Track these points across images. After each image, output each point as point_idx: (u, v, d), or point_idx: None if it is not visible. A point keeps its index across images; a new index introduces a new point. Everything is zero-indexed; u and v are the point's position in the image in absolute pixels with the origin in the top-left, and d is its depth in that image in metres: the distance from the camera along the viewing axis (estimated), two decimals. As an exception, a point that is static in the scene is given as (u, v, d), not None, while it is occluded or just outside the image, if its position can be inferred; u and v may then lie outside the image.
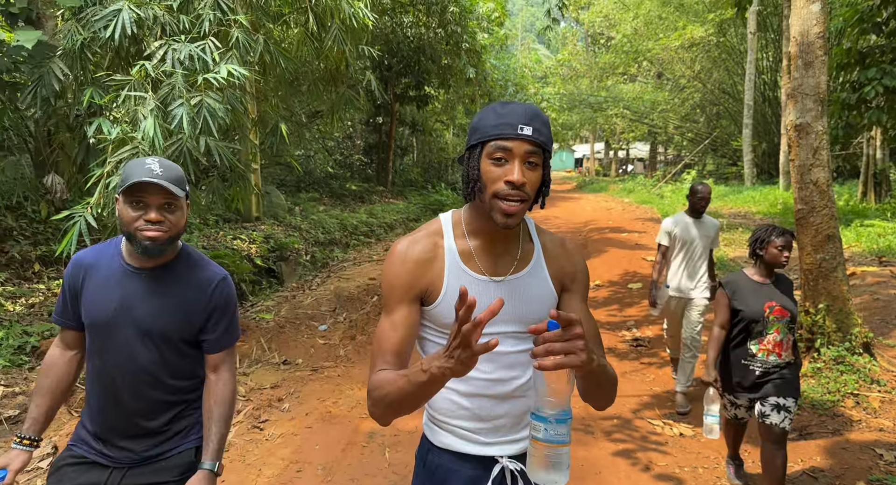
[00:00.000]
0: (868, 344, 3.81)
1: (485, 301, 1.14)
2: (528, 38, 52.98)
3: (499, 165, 1.09)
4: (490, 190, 1.10)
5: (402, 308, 1.19)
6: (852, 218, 9.77)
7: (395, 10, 12.56)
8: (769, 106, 20.21)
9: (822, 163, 3.97)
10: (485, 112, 1.14)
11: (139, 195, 1.38)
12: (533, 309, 1.21)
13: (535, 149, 1.10)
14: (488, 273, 1.20)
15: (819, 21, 3.95)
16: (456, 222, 1.24)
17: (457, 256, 1.20)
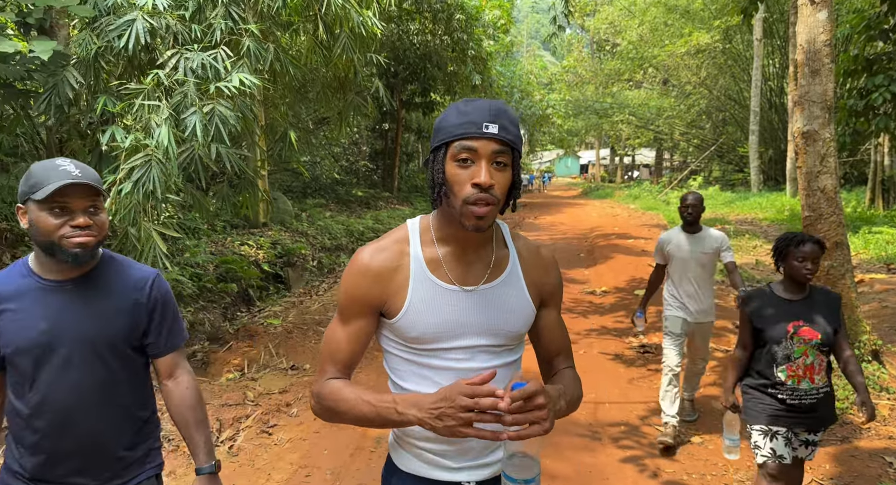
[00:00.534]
0: (877, 352, 3.80)
1: (455, 312, 1.10)
2: (533, 44, 53.14)
3: (464, 167, 1.01)
4: (457, 194, 1.02)
5: (359, 320, 1.13)
6: (860, 225, 9.73)
7: (401, 17, 12.67)
8: (776, 112, 20.18)
9: (829, 170, 3.97)
10: (448, 111, 1.07)
11: (61, 200, 1.24)
12: (508, 321, 1.14)
13: (503, 148, 1.02)
14: (458, 282, 1.11)
15: (826, 29, 3.97)
16: (424, 228, 1.15)
17: (423, 264, 1.11)
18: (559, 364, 1.28)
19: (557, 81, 31.25)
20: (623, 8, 25.19)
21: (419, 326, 1.10)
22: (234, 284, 6.12)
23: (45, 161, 1.30)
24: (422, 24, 13.31)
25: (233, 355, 4.79)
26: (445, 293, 1.10)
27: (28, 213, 1.27)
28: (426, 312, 1.09)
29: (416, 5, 11.70)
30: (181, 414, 1.46)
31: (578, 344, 4.90)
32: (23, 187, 1.27)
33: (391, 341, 1.16)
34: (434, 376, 1.12)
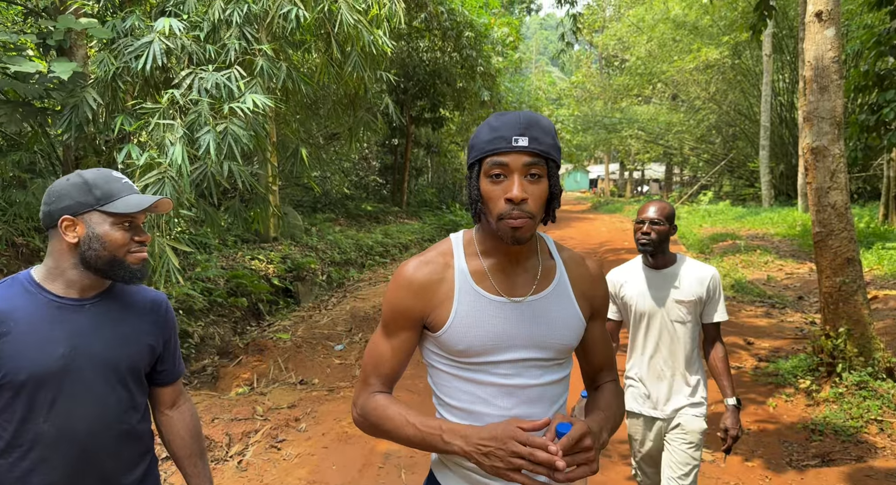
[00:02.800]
0: (892, 369, 3.75)
1: (503, 324, 1.08)
2: (541, 60, 53.57)
3: (497, 183, 1.02)
4: (493, 211, 1.03)
5: (403, 334, 1.13)
6: (874, 241, 9.62)
7: (411, 35, 12.85)
8: (786, 127, 20.11)
9: (839, 186, 3.96)
10: (480, 128, 1.07)
11: (133, 214, 1.21)
12: (558, 333, 1.12)
13: (535, 160, 1.01)
14: (506, 294, 1.10)
15: (833, 46, 3.99)
16: (467, 242, 1.15)
17: (468, 276, 1.10)
18: (603, 378, 1.28)
19: (566, 97, 31.45)
20: (631, 24, 25.37)
21: (466, 339, 1.08)
22: (244, 298, 6.16)
23: (98, 171, 1.23)
24: (431, 41, 13.49)
25: (242, 370, 4.81)
26: (492, 305, 1.09)
27: (87, 225, 1.18)
28: (472, 324, 1.08)
29: (426, 23, 11.87)
30: (184, 444, 1.38)
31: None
32: (82, 198, 1.18)
33: (436, 356, 1.14)
34: (480, 392, 1.10)
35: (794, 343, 4.98)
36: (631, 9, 26.76)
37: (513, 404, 1.09)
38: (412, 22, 11.46)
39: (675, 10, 21.55)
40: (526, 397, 1.10)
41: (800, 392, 3.85)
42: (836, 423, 3.37)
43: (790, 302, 6.71)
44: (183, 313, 5.25)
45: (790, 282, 7.92)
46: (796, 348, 4.73)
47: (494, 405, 1.09)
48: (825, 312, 4.00)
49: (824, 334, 3.92)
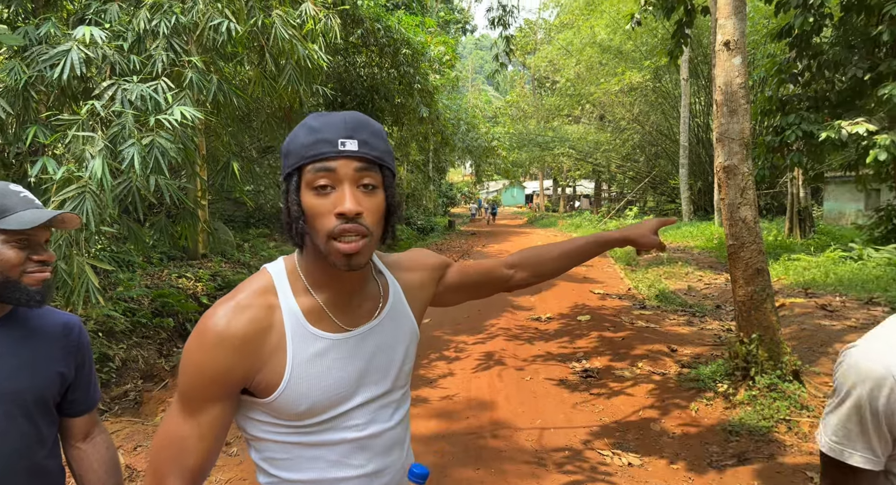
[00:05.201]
0: (797, 372, 4.07)
1: (350, 365, 0.92)
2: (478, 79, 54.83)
3: (324, 195, 0.84)
4: (320, 229, 0.84)
5: (214, 408, 0.86)
6: (781, 252, 10.44)
7: (348, 50, 12.84)
8: (703, 147, 21.56)
9: (748, 202, 4.29)
10: (296, 130, 0.88)
11: (28, 231, 1.10)
12: (399, 355, 1.00)
13: (368, 167, 0.85)
14: (351, 327, 0.94)
15: (741, 73, 4.34)
16: (291, 273, 0.93)
17: (301, 317, 0.89)
18: (509, 262, 1.26)
19: (502, 115, 32.31)
20: (561, 47, 26.51)
21: (310, 396, 0.88)
22: (170, 318, 5.87)
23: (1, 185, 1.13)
24: (368, 57, 13.53)
25: (169, 393, 4.57)
26: (335, 346, 0.91)
27: None
28: (316, 376, 0.89)
29: (363, 40, 11.91)
30: (99, 480, 1.25)
31: (525, 371, 4.98)
32: None
33: (265, 425, 0.91)
34: (331, 454, 0.92)
35: (713, 349, 5.31)
36: (560, 33, 28.01)
37: (368, 459, 0.94)
38: (349, 37, 11.46)
39: (600, 35, 22.74)
40: (381, 446, 0.96)
41: (719, 396, 4.11)
42: (751, 424, 3.61)
43: (709, 310, 7.16)
44: (103, 336, 4.93)
45: (709, 291, 8.45)
46: (715, 354, 5.05)
47: (349, 466, 0.93)
48: (739, 319, 4.29)
49: (739, 341, 4.21)
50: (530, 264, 1.27)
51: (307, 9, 5.78)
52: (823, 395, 3.98)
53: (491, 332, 6.39)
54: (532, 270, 1.27)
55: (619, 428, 3.81)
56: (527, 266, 1.27)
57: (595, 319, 6.80)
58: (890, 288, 6.89)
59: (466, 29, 34.81)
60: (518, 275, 1.26)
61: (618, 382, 4.64)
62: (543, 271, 1.28)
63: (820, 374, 4.45)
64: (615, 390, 4.45)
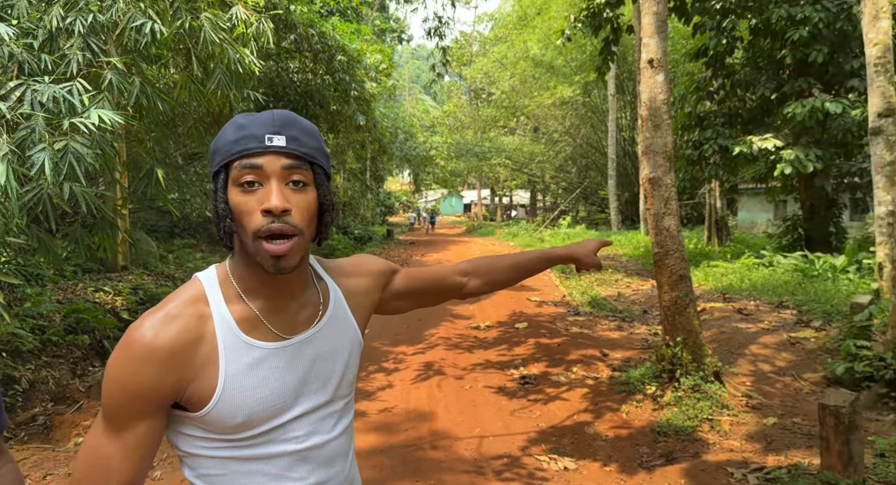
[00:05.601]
0: (718, 373, 4.32)
1: (288, 374, 0.89)
2: (415, 88, 55.08)
3: (251, 192, 0.81)
4: (247, 227, 0.81)
5: (141, 425, 0.81)
6: (701, 260, 11.10)
7: (280, 55, 12.56)
8: (629, 160, 22.66)
9: (672, 211, 4.53)
10: (224, 128, 0.86)
11: None
12: (341, 362, 0.97)
13: (297, 163, 0.83)
14: (288, 335, 0.90)
15: (664, 89, 4.59)
16: (223, 280, 0.89)
17: (234, 326, 0.86)
18: (466, 267, 1.27)
19: (439, 125, 32.59)
20: (496, 60, 27.14)
21: (245, 407, 0.85)
22: (85, 336, 5.46)
23: None
24: (302, 63, 13.29)
25: (83, 416, 4.23)
26: (274, 355, 0.87)
27: None
28: (251, 387, 0.85)
29: (296, 45, 11.68)
30: None
31: (465, 379, 5.00)
32: None
33: (198, 440, 0.86)
34: (270, 468, 0.88)
35: (641, 353, 5.54)
36: (495, 46, 28.69)
37: (310, 471, 0.91)
38: (281, 42, 11.21)
39: (533, 50, 23.48)
40: (323, 458, 0.93)
41: (647, 397, 4.28)
42: (677, 424, 3.79)
43: (637, 316, 7.48)
44: (7, 356, 4.51)
45: (637, 297, 8.84)
46: (643, 358, 5.27)
47: (290, 479, 0.89)
48: (665, 323, 4.51)
49: (665, 344, 4.42)
50: (484, 273, 1.28)
51: (238, 12, 5.61)
52: (741, 394, 4.24)
53: (430, 341, 6.38)
54: (485, 278, 1.28)
55: (555, 433, 3.88)
56: (480, 274, 1.28)
57: (532, 326, 6.94)
58: (797, 292, 7.46)
59: (402, 38, 34.96)
60: (472, 283, 1.26)
61: (554, 387, 4.75)
62: (496, 280, 1.30)
63: (738, 374, 4.74)
64: (551, 396, 4.55)
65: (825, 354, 4.97)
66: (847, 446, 2.76)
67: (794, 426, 3.72)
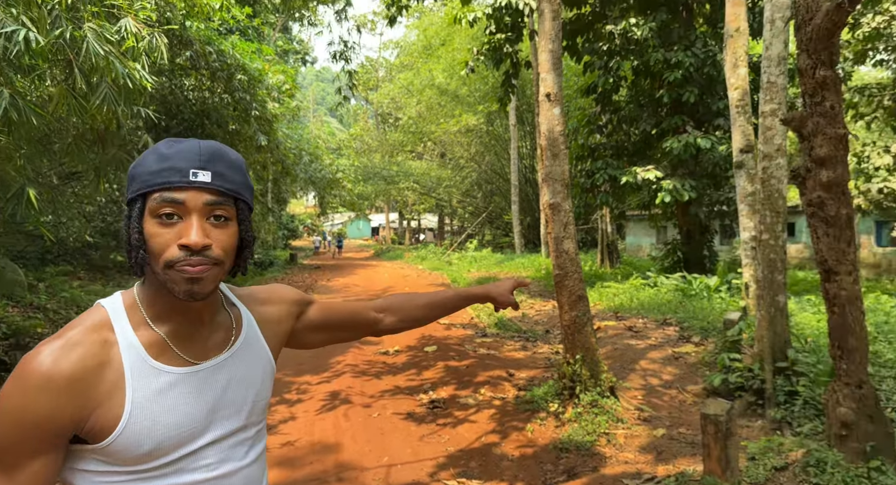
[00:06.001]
0: (613, 388, 4.58)
1: (199, 399, 0.87)
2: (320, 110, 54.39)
3: (169, 225, 0.80)
4: (160, 258, 0.80)
5: (37, 462, 0.76)
6: (595, 281, 11.82)
7: (174, 72, 11.91)
8: (530, 186, 23.78)
9: (570, 235, 4.80)
10: (145, 155, 0.85)
11: None
12: (254, 388, 0.96)
13: (220, 199, 0.83)
14: (197, 360, 0.88)
15: (560, 122, 4.90)
16: (130, 306, 0.87)
17: (142, 351, 0.83)
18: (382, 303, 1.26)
19: (346, 148, 32.32)
20: (402, 86, 27.57)
21: (154, 435, 0.81)
22: (-70, 380, 4.71)
23: None
24: (199, 80, 12.70)
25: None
26: (184, 380, 0.86)
27: None
28: (161, 413, 0.82)
29: (192, 62, 11.14)
30: None
31: (373, 407, 4.90)
32: None
33: (100, 476, 0.81)
34: None
35: (544, 371, 5.76)
36: (401, 72, 29.17)
37: None
38: (176, 59, 10.65)
39: (439, 79, 24.15)
40: (238, 483, 0.91)
41: (550, 415, 4.44)
42: (577, 439, 3.96)
43: (540, 335, 7.78)
44: None
45: (539, 317, 9.20)
46: (546, 376, 5.48)
47: None
48: (566, 342, 4.73)
49: (566, 362, 4.62)
50: (399, 310, 1.28)
51: (128, 25, 5.26)
52: (634, 408, 4.52)
53: (337, 369, 6.20)
54: (400, 315, 1.28)
55: (463, 456, 3.90)
56: (395, 311, 1.27)
57: (441, 349, 6.97)
58: (678, 310, 8.15)
59: (307, 60, 34.51)
60: (387, 319, 1.26)
61: (462, 410, 4.79)
62: (411, 317, 1.30)
63: (631, 388, 5.06)
64: (460, 419, 4.58)
65: (704, 366, 5.45)
66: (725, 451, 3.03)
67: (680, 436, 4.02)
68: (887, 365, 4.66)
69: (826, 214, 2.99)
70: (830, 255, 3.00)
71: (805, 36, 2.93)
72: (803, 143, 3.11)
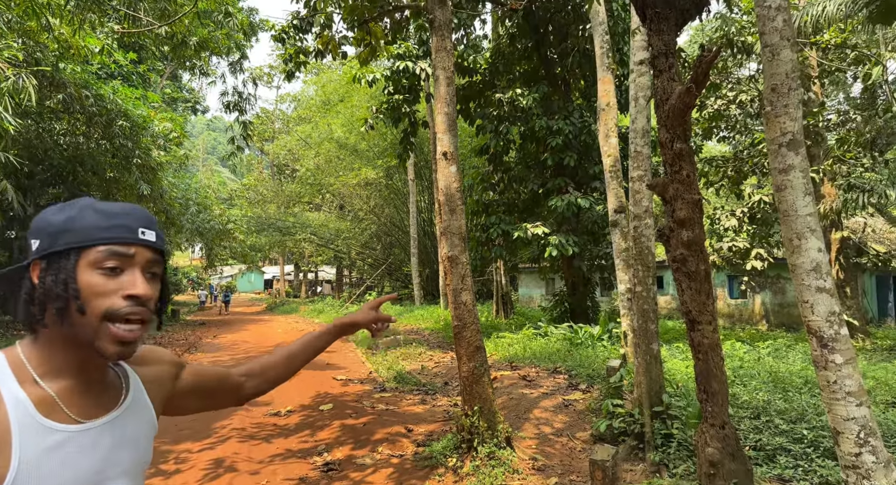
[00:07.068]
0: (509, 438, 4.67)
1: (90, 458, 0.87)
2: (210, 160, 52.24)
3: (112, 277, 0.86)
4: (97, 308, 0.84)
5: None
6: (491, 331, 12.13)
7: (42, 114, 10.97)
8: (429, 239, 24.25)
9: (468, 287, 4.95)
10: (75, 211, 0.88)
11: None
12: (142, 449, 0.97)
13: (158, 257, 0.92)
14: (88, 418, 0.88)
15: (457, 179, 5.14)
16: (14, 362, 0.86)
17: (31, 408, 0.83)
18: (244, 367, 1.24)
19: (238, 198, 31.10)
20: (300, 139, 27.42)
21: None
22: None
23: None
24: (72, 124, 11.78)
25: None
26: (74, 438, 0.85)
27: None
28: (49, 473, 0.82)
29: (65, 105, 10.36)
30: None
31: (261, 474, 4.55)
32: None
33: None
34: None
35: (443, 424, 5.73)
36: (299, 125, 29.07)
37: None
38: (45, 101, 9.84)
39: (337, 133, 24.37)
40: None
41: (449, 470, 4.41)
42: (476, 492, 3.96)
43: (439, 388, 7.77)
44: None
45: (438, 370, 9.21)
46: (445, 430, 5.46)
47: None
48: (464, 393, 4.78)
49: (464, 414, 4.66)
50: (261, 370, 1.25)
51: (-7, 62, 4.85)
52: (528, 458, 4.63)
53: (221, 434, 5.72)
54: (263, 375, 1.25)
55: (360, 522, 3.73)
56: (257, 373, 1.25)
57: (337, 406, 6.71)
58: (567, 358, 8.57)
59: (197, 109, 33.34)
60: (250, 382, 1.24)
61: (359, 471, 4.60)
62: (275, 376, 1.27)
63: (525, 438, 5.18)
64: (356, 481, 4.40)
65: (591, 413, 5.74)
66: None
67: (571, 483, 4.16)
68: (744, 406, 5.21)
69: (688, 269, 3.38)
70: (694, 306, 3.37)
71: (663, 114, 3.39)
72: (666, 206, 3.53)
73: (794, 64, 2.66)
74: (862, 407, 2.43)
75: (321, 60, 8.16)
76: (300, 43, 8.17)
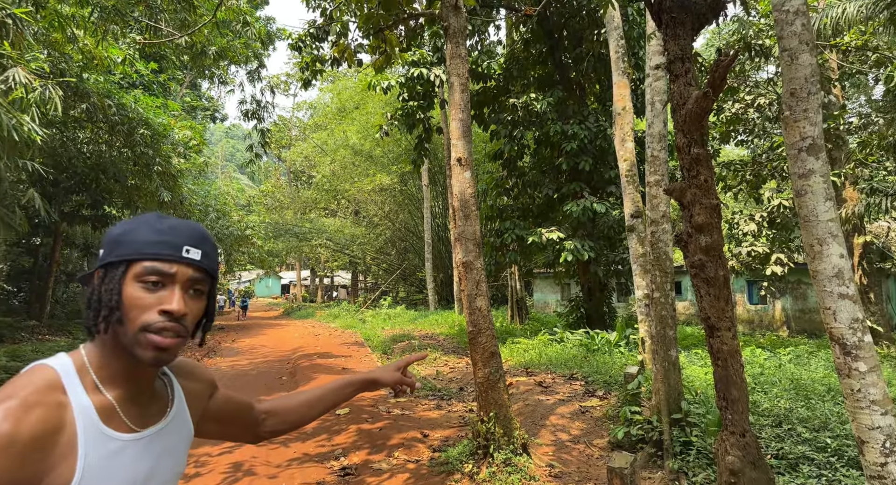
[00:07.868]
0: (525, 444, 4.64)
1: (142, 467, 0.90)
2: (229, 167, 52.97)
3: (151, 291, 0.88)
4: (135, 320, 0.87)
5: None
6: (506, 337, 12.07)
7: (66, 124, 11.23)
8: (443, 244, 24.28)
9: (483, 293, 4.95)
10: (135, 224, 0.92)
11: None
12: (181, 460, 1.01)
13: (203, 276, 0.93)
14: (141, 428, 0.92)
15: (471, 184, 5.15)
16: (80, 368, 0.88)
17: (94, 415, 0.85)
18: (267, 404, 1.25)
19: (256, 204, 31.48)
20: (316, 146, 27.69)
21: None
22: None
23: None
24: (95, 133, 12.04)
25: None
26: (128, 446, 0.89)
27: None
28: (106, 479, 0.85)
29: (89, 114, 10.59)
30: None
31: (279, 478, 4.59)
32: None
33: None
34: None
35: (459, 430, 5.72)
36: (315, 132, 29.36)
37: None
38: (69, 111, 10.07)
39: (353, 140, 24.56)
40: None
41: (465, 476, 4.40)
42: (493, 499, 3.94)
43: (455, 393, 7.76)
44: None
45: (453, 375, 9.20)
46: (461, 435, 5.45)
47: None
48: (480, 399, 4.77)
49: (480, 420, 4.65)
50: (283, 411, 1.27)
51: (17, 75, 4.99)
52: (545, 464, 4.60)
53: (239, 440, 5.77)
54: (283, 417, 1.27)
55: (377, 527, 3.74)
56: (277, 413, 1.27)
57: (353, 411, 6.74)
58: (583, 365, 8.49)
59: (216, 117, 33.84)
60: (270, 421, 1.26)
61: (375, 475, 4.61)
62: (295, 420, 1.29)
63: (542, 445, 5.15)
64: (372, 486, 4.41)
65: (609, 420, 5.68)
66: (629, 500, 3.15)
67: (589, 489, 4.13)
68: (765, 414, 5.12)
69: (706, 274, 3.34)
70: (712, 312, 3.33)
71: (680, 118, 3.37)
72: (684, 211, 3.50)
73: (813, 68, 2.63)
74: (887, 416, 2.38)
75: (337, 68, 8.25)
76: (316, 51, 8.27)
